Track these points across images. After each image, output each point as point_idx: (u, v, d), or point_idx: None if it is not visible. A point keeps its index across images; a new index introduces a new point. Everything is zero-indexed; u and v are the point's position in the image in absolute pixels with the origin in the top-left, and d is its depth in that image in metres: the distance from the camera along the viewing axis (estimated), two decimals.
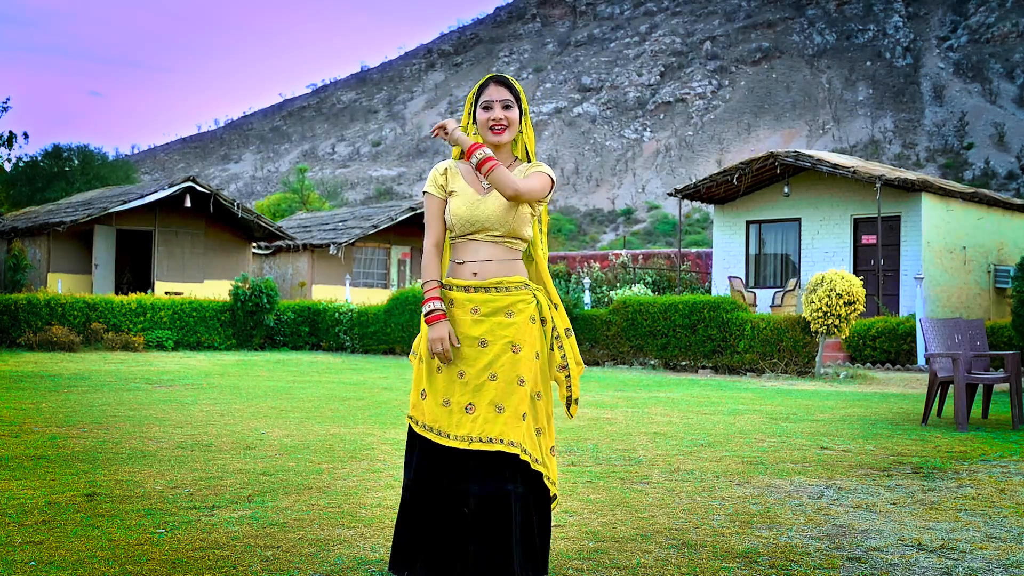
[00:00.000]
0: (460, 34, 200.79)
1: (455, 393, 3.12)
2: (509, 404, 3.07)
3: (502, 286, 3.18)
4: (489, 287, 3.18)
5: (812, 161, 19.48)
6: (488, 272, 3.20)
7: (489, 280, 3.19)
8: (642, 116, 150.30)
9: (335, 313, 20.00)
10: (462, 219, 3.21)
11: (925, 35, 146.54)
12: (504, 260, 3.22)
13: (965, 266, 20.27)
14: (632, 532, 3.99)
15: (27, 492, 4.58)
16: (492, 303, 3.16)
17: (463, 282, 3.20)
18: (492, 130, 3.22)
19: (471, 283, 3.19)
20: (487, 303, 3.16)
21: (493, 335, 3.12)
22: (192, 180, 23.57)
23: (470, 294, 3.18)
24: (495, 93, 3.23)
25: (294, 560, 3.49)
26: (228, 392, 10.32)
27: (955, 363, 7.87)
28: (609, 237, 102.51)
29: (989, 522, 4.29)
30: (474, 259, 3.21)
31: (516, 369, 3.10)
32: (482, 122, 3.24)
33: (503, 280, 3.19)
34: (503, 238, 3.22)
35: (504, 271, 3.21)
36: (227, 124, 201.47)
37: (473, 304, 3.17)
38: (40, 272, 23.24)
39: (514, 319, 3.15)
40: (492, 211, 3.20)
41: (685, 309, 15.16)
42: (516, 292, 3.19)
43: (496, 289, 3.18)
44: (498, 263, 3.21)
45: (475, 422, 3.06)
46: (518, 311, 3.16)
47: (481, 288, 3.18)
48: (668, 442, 6.74)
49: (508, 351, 3.11)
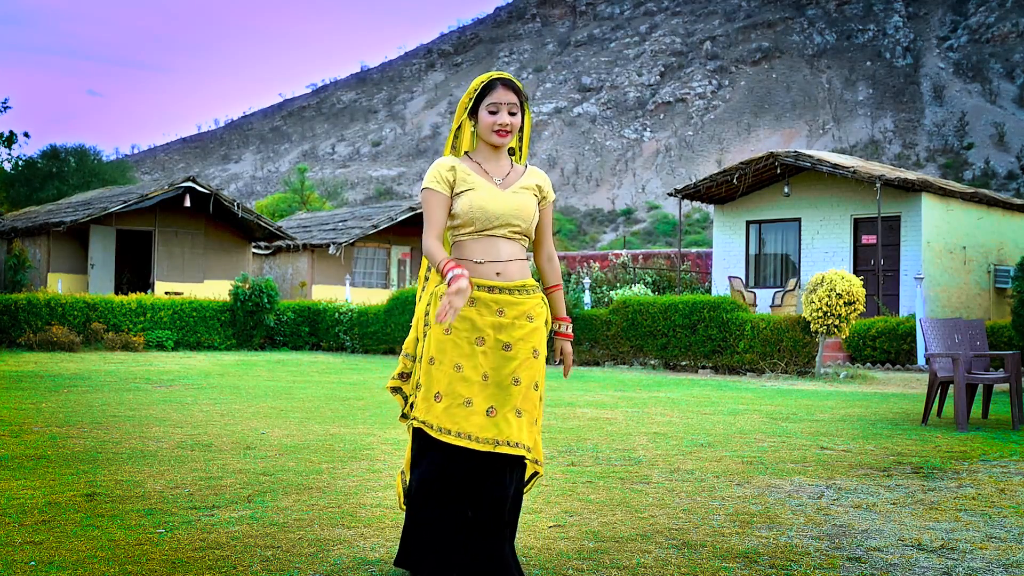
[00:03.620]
0: (460, 34, 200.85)
1: (477, 395, 3.06)
2: (526, 408, 3.09)
3: (525, 289, 3.15)
4: (513, 289, 3.13)
5: (812, 161, 19.48)
6: (512, 273, 3.15)
7: (514, 282, 3.14)
8: (642, 116, 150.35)
9: (335, 313, 20.00)
10: (486, 213, 3.13)
11: (925, 35, 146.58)
12: (522, 260, 3.21)
13: (965, 266, 20.27)
14: (632, 532, 3.99)
15: (27, 492, 4.58)
16: (517, 306, 3.12)
17: (487, 282, 3.12)
18: (497, 134, 3.19)
19: (495, 283, 3.12)
20: (512, 305, 3.12)
21: (516, 339, 3.10)
22: (192, 180, 23.57)
23: (495, 295, 3.11)
24: (503, 96, 3.17)
25: (294, 560, 3.49)
26: (228, 392, 10.32)
27: (955, 363, 7.87)
28: (609, 237, 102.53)
29: (989, 522, 4.29)
30: (496, 259, 3.14)
31: (534, 374, 3.12)
32: (487, 124, 3.18)
33: (526, 283, 3.16)
34: (520, 235, 3.20)
35: (525, 273, 3.20)
36: (227, 124, 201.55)
37: (499, 306, 3.11)
38: (40, 272, 23.25)
39: (535, 323, 3.14)
40: (517, 206, 3.18)
41: (685, 309, 15.16)
42: (535, 295, 3.18)
43: (520, 291, 3.14)
44: (519, 264, 3.18)
45: (498, 426, 3.04)
46: (537, 315, 3.16)
47: (506, 290, 3.12)
48: (668, 442, 6.74)
49: (530, 356, 3.11)
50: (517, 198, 3.18)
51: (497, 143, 3.20)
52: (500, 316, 3.10)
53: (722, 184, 21.08)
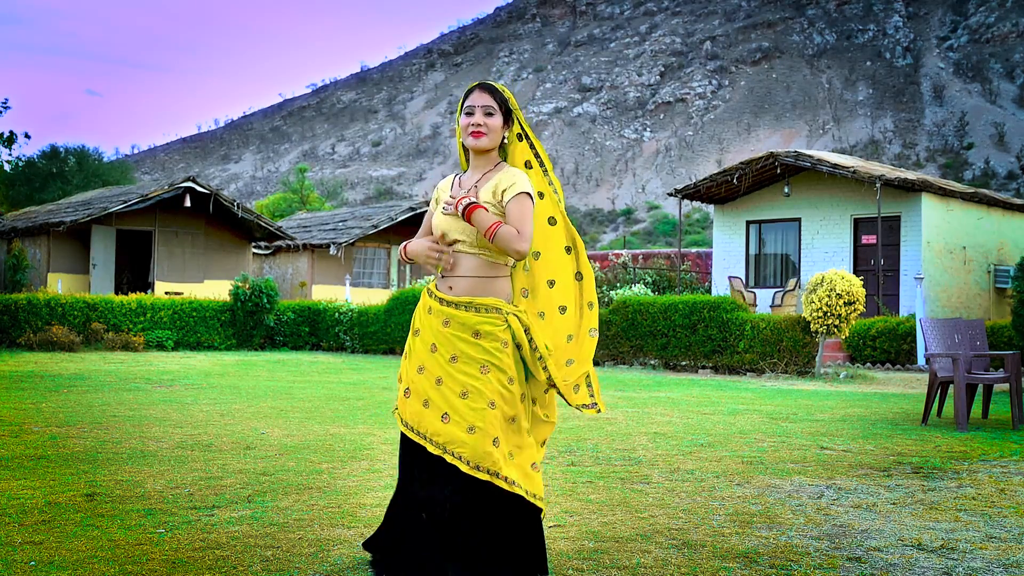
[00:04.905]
0: (460, 34, 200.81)
1: (434, 398, 3.14)
2: (480, 425, 3.06)
3: (472, 305, 3.17)
4: (460, 304, 3.18)
5: (812, 161, 19.48)
6: (460, 289, 3.20)
7: (461, 297, 3.19)
8: (642, 116, 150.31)
9: (335, 313, 20.00)
10: (439, 228, 3.25)
11: (925, 35, 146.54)
12: (481, 278, 3.20)
13: (965, 266, 20.27)
14: (632, 532, 3.99)
15: (27, 492, 4.58)
16: (460, 319, 3.16)
17: (440, 294, 3.23)
18: (472, 135, 3.22)
19: (445, 296, 3.21)
20: (456, 319, 3.16)
21: (461, 352, 3.13)
22: (192, 180, 23.57)
23: (443, 307, 3.19)
24: (478, 99, 3.23)
25: (294, 560, 3.49)
26: (228, 392, 10.32)
27: (955, 363, 7.87)
28: (609, 237, 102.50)
29: (989, 522, 4.29)
30: (453, 273, 3.22)
31: (484, 391, 3.08)
32: (463, 127, 3.25)
33: (474, 300, 3.17)
34: (480, 250, 3.19)
35: (478, 290, 3.19)
36: (227, 124, 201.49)
37: (444, 316, 3.18)
38: (40, 272, 23.25)
39: (481, 340, 3.13)
40: (451, 223, 3.22)
41: (685, 309, 15.16)
42: (486, 314, 3.15)
43: (466, 308, 3.17)
44: (473, 281, 3.19)
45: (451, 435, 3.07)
46: (485, 333, 3.14)
47: (452, 304, 3.18)
48: (668, 442, 6.74)
49: (476, 372, 3.11)
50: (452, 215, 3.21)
51: (471, 144, 3.23)
52: (445, 327, 3.17)
53: (722, 184, 21.09)
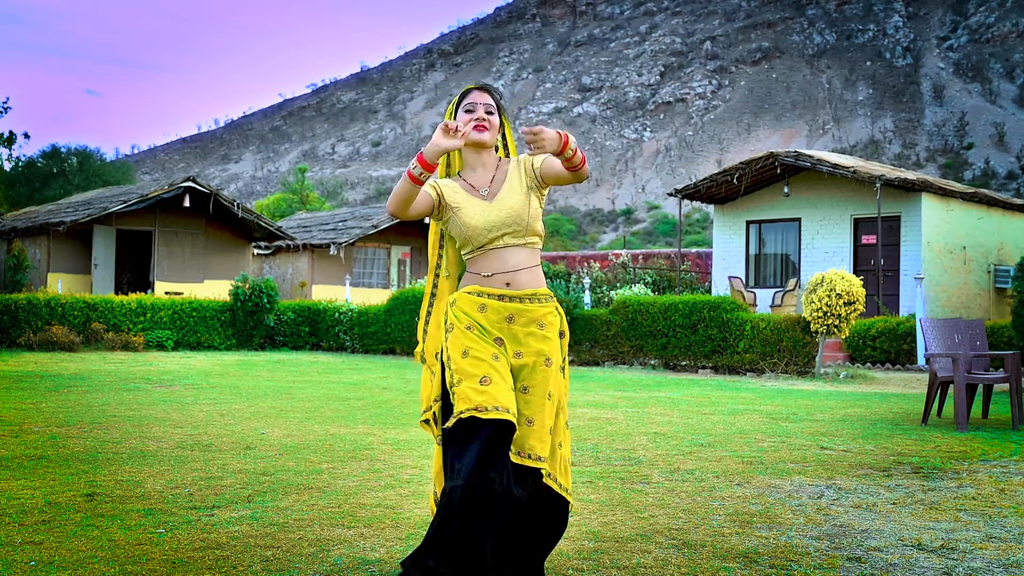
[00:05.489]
0: (460, 34, 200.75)
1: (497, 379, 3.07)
2: (538, 418, 3.07)
3: (536, 297, 3.16)
4: (523, 297, 3.15)
5: (812, 161, 19.48)
6: (521, 283, 3.16)
7: (524, 290, 3.15)
8: (642, 116, 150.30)
9: (335, 313, 20.00)
10: (479, 228, 3.15)
11: (925, 35, 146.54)
12: (531, 268, 3.20)
13: (965, 266, 20.27)
14: (632, 532, 3.99)
15: (27, 492, 4.58)
16: (527, 314, 3.14)
17: (496, 291, 3.15)
18: (476, 129, 3.22)
19: (505, 292, 3.14)
20: (521, 313, 3.13)
21: (527, 347, 3.11)
22: (192, 180, 23.57)
23: (504, 303, 3.13)
24: (479, 98, 3.25)
25: (294, 560, 3.49)
26: (228, 392, 10.32)
27: (955, 363, 7.87)
28: (609, 237, 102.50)
29: (989, 522, 4.29)
30: (503, 270, 3.16)
31: (546, 384, 3.10)
32: (465, 122, 3.23)
33: (537, 292, 3.17)
34: (524, 240, 3.19)
35: (536, 281, 3.19)
36: (227, 124, 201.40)
37: (508, 312, 3.13)
38: (40, 272, 23.25)
39: (546, 331, 3.14)
40: (509, 211, 3.18)
41: (685, 309, 15.16)
42: (547, 303, 3.18)
43: (530, 300, 3.15)
44: (528, 272, 3.18)
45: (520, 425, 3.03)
46: (548, 323, 3.16)
47: (515, 298, 3.14)
48: (668, 442, 6.74)
49: (542, 364, 3.11)
50: (506, 205, 3.18)
51: (475, 137, 3.22)
52: (510, 323, 3.12)
53: (722, 184, 21.08)
